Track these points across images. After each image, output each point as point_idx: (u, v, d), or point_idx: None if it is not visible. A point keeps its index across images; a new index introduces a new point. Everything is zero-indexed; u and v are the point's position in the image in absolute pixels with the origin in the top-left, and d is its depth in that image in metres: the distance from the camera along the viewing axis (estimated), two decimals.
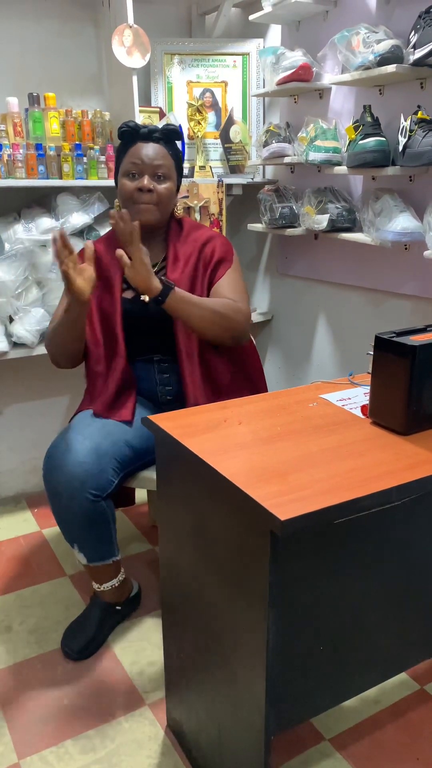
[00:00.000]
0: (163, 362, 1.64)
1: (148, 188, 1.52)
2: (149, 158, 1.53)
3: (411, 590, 1.13)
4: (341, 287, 2.21)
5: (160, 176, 1.55)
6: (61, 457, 1.45)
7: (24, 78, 2.11)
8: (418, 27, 1.60)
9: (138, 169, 1.53)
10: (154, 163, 1.53)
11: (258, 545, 0.91)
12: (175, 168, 1.59)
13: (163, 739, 1.38)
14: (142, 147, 1.54)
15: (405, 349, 1.07)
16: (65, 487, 1.44)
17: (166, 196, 1.56)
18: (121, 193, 1.57)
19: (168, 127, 1.58)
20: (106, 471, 1.46)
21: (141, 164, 1.53)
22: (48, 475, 1.48)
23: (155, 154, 1.54)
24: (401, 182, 1.85)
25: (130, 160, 1.54)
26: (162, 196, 1.55)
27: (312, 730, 1.39)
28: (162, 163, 1.54)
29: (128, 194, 1.54)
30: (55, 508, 1.49)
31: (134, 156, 1.54)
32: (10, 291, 1.96)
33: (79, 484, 1.43)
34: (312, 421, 1.17)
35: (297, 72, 1.98)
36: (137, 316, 1.60)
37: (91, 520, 1.47)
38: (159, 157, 1.54)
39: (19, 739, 1.38)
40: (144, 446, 1.59)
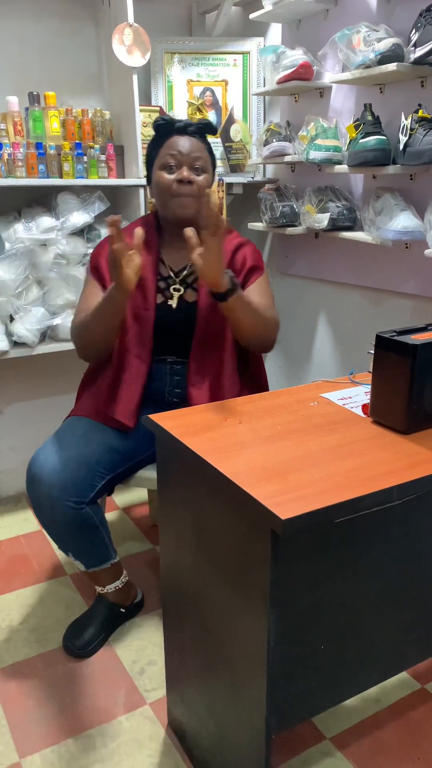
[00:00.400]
0: (176, 364, 1.62)
1: (188, 179, 1.49)
2: (187, 150, 1.51)
3: (412, 589, 1.13)
4: (342, 286, 2.21)
5: (198, 168, 1.52)
6: (38, 469, 1.45)
7: (24, 77, 2.11)
8: (418, 25, 1.59)
9: (176, 160, 1.51)
10: (192, 155, 1.51)
11: (259, 544, 0.91)
12: (210, 162, 1.57)
13: (164, 738, 1.38)
14: (179, 139, 1.52)
15: (406, 348, 1.07)
16: (45, 498, 1.44)
17: (204, 188, 1.53)
18: (158, 186, 1.53)
19: (203, 121, 1.57)
20: (86, 478, 1.45)
21: (179, 156, 1.50)
22: (29, 487, 1.48)
23: (192, 146, 1.52)
24: (402, 181, 1.85)
25: (167, 152, 1.51)
26: (201, 188, 1.52)
27: (313, 729, 1.39)
28: (199, 155, 1.52)
29: (166, 187, 1.51)
30: (42, 520, 1.49)
31: (171, 148, 1.51)
32: (11, 290, 1.95)
33: (57, 493, 1.42)
34: (313, 420, 1.17)
35: (297, 71, 1.97)
36: (163, 320, 1.58)
37: (78, 527, 1.46)
38: (196, 150, 1.52)
39: (20, 737, 1.38)
40: (134, 446, 1.58)
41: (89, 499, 1.46)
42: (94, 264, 1.60)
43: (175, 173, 1.51)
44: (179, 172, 1.50)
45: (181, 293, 1.59)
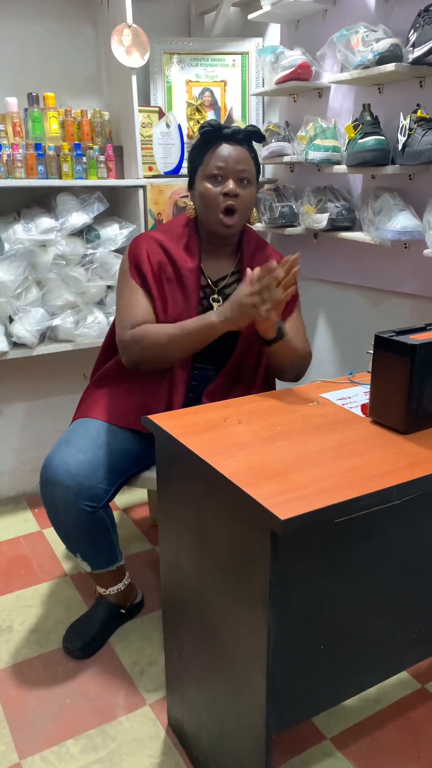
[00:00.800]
0: (195, 370, 1.59)
1: (234, 193, 1.44)
2: (234, 161, 1.44)
3: (411, 589, 1.13)
4: (341, 286, 2.21)
5: (244, 180, 1.46)
6: (55, 471, 1.45)
7: (23, 78, 2.11)
8: (417, 25, 1.59)
9: (223, 172, 1.44)
10: (239, 167, 1.45)
11: (258, 544, 0.91)
12: (255, 172, 1.51)
13: (164, 739, 1.38)
14: (226, 149, 1.45)
15: (405, 348, 1.07)
16: (61, 501, 1.44)
17: (250, 202, 1.49)
18: (203, 197, 1.47)
19: (250, 128, 1.49)
20: (101, 482, 1.46)
21: (226, 167, 1.44)
22: (44, 488, 1.47)
23: (239, 156, 1.45)
24: (401, 181, 1.85)
25: (215, 162, 1.44)
26: (247, 202, 1.47)
27: (313, 729, 1.39)
28: (246, 168, 1.46)
29: (212, 198, 1.45)
30: (54, 521, 1.49)
31: (218, 158, 1.44)
32: (10, 291, 1.95)
33: (73, 496, 1.42)
34: (312, 420, 1.17)
35: (296, 71, 1.98)
36: None
37: (90, 530, 1.47)
38: (243, 161, 1.45)
39: (21, 738, 1.38)
40: (144, 449, 1.59)
41: (103, 503, 1.47)
42: (134, 264, 1.52)
43: (221, 185, 1.45)
44: (225, 184, 1.45)
45: (220, 304, 1.55)
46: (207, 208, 1.48)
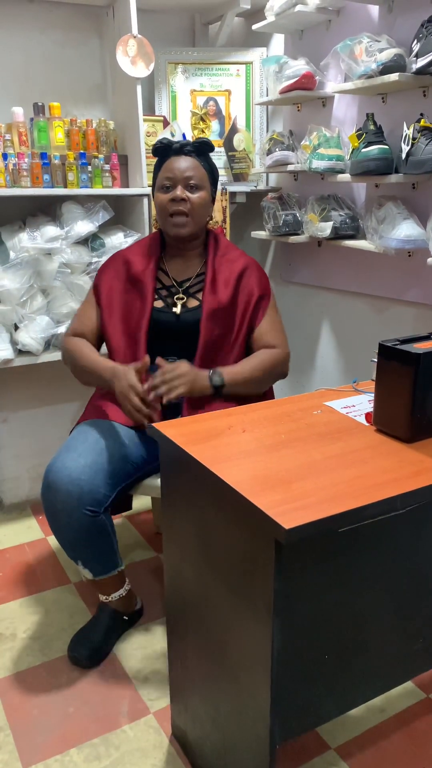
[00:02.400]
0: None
1: (181, 197, 1.57)
2: (181, 170, 1.58)
3: (416, 598, 1.13)
4: (345, 294, 2.22)
5: (193, 186, 1.59)
6: (56, 477, 1.46)
7: (29, 88, 2.13)
8: (420, 36, 1.60)
9: (171, 182, 1.58)
10: (186, 174, 1.58)
11: (262, 553, 0.91)
12: (208, 179, 1.63)
13: (168, 748, 1.37)
14: (175, 161, 1.60)
15: (409, 356, 1.08)
16: (62, 506, 1.44)
17: (198, 205, 1.60)
18: (156, 206, 1.62)
19: (199, 139, 1.64)
20: (102, 486, 1.47)
21: (173, 177, 1.58)
22: (45, 494, 1.48)
23: (187, 165, 1.59)
24: (404, 190, 1.86)
25: (164, 174, 1.60)
26: (195, 205, 1.59)
27: (317, 739, 1.39)
28: (193, 173, 1.59)
29: (162, 205, 1.59)
30: (55, 528, 1.49)
31: (167, 170, 1.59)
32: (15, 299, 1.97)
33: (75, 501, 1.43)
34: (316, 429, 1.17)
35: (300, 80, 1.99)
36: (165, 326, 1.63)
37: (92, 535, 1.48)
38: (191, 168, 1.59)
39: (24, 747, 1.38)
40: (144, 457, 1.60)
41: (104, 507, 1.48)
42: (96, 282, 1.70)
43: (170, 192, 1.58)
44: (173, 191, 1.58)
45: (184, 301, 1.64)
46: (160, 214, 1.62)
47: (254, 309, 1.66)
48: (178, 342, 1.63)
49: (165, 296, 1.65)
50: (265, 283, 1.70)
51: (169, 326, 1.62)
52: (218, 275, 1.64)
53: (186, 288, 1.65)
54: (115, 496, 1.53)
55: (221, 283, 1.63)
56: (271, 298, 1.70)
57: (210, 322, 1.61)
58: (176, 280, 1.66)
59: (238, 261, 1.68)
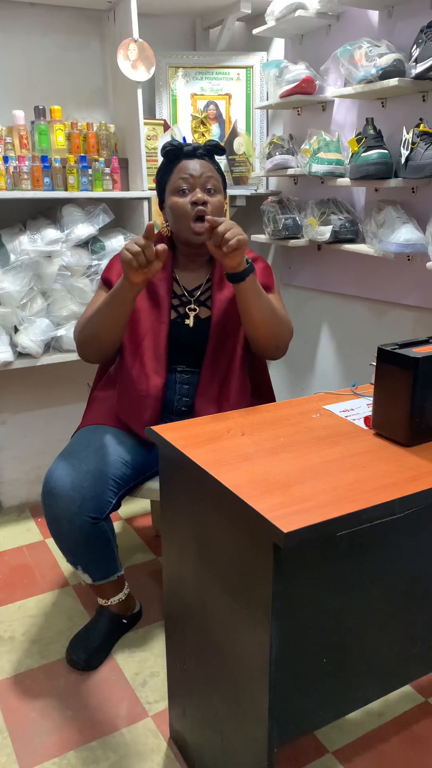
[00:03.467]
0: (185, 373, 1.62)
1: (203, 201, 1.48)
2: (198, 172, 1.51)
3: (415, 602, 1.13)
4: (344, 298, 2.22)
5: (211, 189, 1.52)
6: (57, 483, 1.45)
7: (30, 91, 2.14)
8: (419, 41, 1.61)
9: (188, 184, 1.50)
10: (204, 176, 1.51)
11: (261, 557, 0.91)
12: (221, 182, 1.57)
13: (166, 751, 1.37)
14: (189, 163, 1.52)
15: (408, 360, 1.08)
16: (63, 513, 1.44)
17: (218, 209, 1.53)
18: (173, 210, 1.52)
19: (211, 142, 1.57)
20: (103, 493, 1.46)
21: (191, 179, 1.50)
22: (46, 500, 1.48)
23: (202, 168, 1.52)
24: (404, 194, 1.86)
25: (179, 176, 1.51)
26: (215, 208, 1.52)
27: (315, 742, 1.39)
28: (211, 176, 1.52)
29: (182, 210, 1.50)
30: (55, 533, 1.49)
31: (182, 172, 1.51)
32: (16, 301, 1.97)
33: (76, 508, 1.43)
34: (315, 433, 1.17)
35: (300, 85, 1.99)
36: (179, 337, 1.59)
37: (92, 541, 1.47)
38: (207, 171, 1.52)
39: (22, 750, 1.38)
40: (144, 462, 1.59)
41: (106, 513, 1.48)
42: (106, 278, 1.62)
43: (189, 196, 1.50)
44: (193, 194, 1.50)
45: (197, 312, 1.60)
46: (178, 219, 1.52)
47: None
48: (189, 351, 1.60)
49: (177, 306, 1.61)
50: (270, 276, 1.64)
51: (183, 338, 1.59)
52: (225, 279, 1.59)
53: (197, 297, 1.61)
54: (118, 502, 1.53)
55: (227, 286, 1.59)
56: (274, 288, 1.63)
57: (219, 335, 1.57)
58: (186, 288, 1.62)
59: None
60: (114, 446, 1.54)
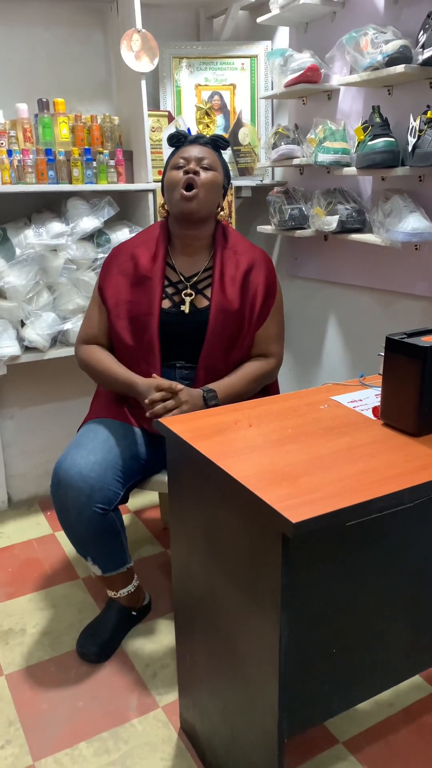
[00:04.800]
0: (184, 369, 1.62)
1: (194, 170, 1.54)
2: (195, 151, 1.58)
3: (424, 592, 1.13)
4: (351, 288, 2.21)
5: (206, 167, 1.57)
6: (66, 474, 1.46)
7: (33, 84, 2.13)
8: (426, 27, 1.59)
9: (185, 161, 1.57)
10: (200, 155, 1.57)
11: (270, 548, 0.91)
12: (221, 167, 1.62)
13: (177, 742, 1.38)
14: (190, 147, 1.60)
15: (416, 350, 1.07)
16: (73, 503, 1.45)
17: (210, 182, 1.56)
18: (168, 183, 1.58)
19: (215, 135, 1.65)
20: (112, 484, 1.47)
21: (188, 157, 1.57)
22: (55, 491, 1.48)
23: (201, 150, 1.59)
24: (411, 182, 1.85)
25: (178, 155, 1.59)
26: (206, 181, 1.55)
27: (325, 733, 1.39)
28: (207, 156, 1.58)
29: (173, 181, 1.56)
30: (65, 524, 1.50)
31: (181, 153, 1.59)
32: (22, 295, 1.97)
33: (85, 498, 1.43)
34: (323, 423, 1.17)
35: (305, 73, 1.98)
36: (173, 326, 1.58)
37: (102, 532, 1.48)
38: (204, 152, 1.58)
39: (34, 741, 1.39)
40: (151, 456, 1.60)
41: (114, 505, 1.48)
42: (100, 285, 1.65)
43: (183, 169, 1.56)
44: (187, 168, 1.55)
45: (192, 298, 1.60)
46: (170, 190, 1.57)
47: (260, 310, 1.61)
48: (185, 342, 1.59)
49: (172, 294, 1.60)
50: (272, 281, 1.65)
51: (177, 327, 1.58)
52: (225, 270, 1.60)
53: (194, 283, 1.61)
54: (126, 494, 1.53)
55: (228, 280, 1.59)
56: (276, 298, 1.65)
57: (218, 326, 1.58)
58: (183, 275, 1.62)
59: (245, 255, 1.63)
60: (121, 438, 1.55)
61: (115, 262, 1.65)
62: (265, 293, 1.62)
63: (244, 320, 1.60)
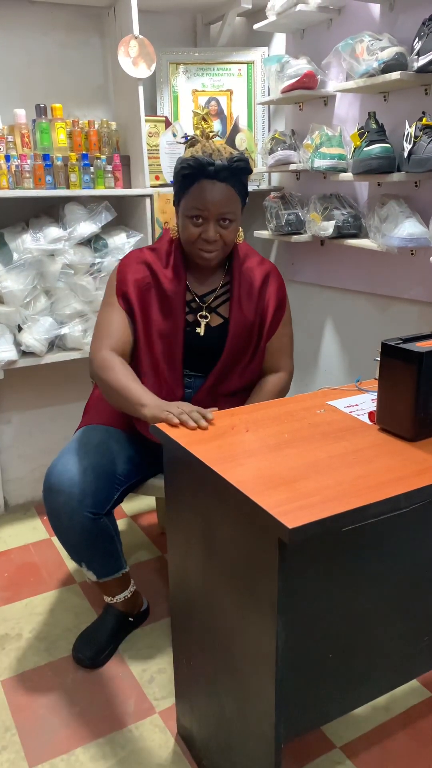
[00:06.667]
0: (188, 377, 1.61)
1: (213, 239, 1.44)
2: (215, 202, 1.41)
3: (420, 597, 1.13)
4: (348, 293, 2.22)
5: (226, 220, 1.44)
6: (57, 479, 1.46)
7: (31, 89, 2.13)
8: (421, 34, 1.60)
9: (204, 214, 1.42)
10: (221, 208, 1.42)
11: (266, 553, 0.91)
12: (240, 204, 1.48)
13: (174, 747, 1.38)
14: (208, 189, 1.40)
15: (411, 355, 1.08)
16: (64, 508, 1.44)
17: (231, 239, 1.49)
18: (184, 234, 1.48)
19: (236, 164, 1.42)
20: (103, 488, 1.46)
21: (207, 211, 1.42)
22: (47, 496, 1.48)
23: (222, 196, 1.41)
24: (407, 188, 1.86)
25: (194, 203, 1.42)
26: (227, 240, 1.47)
27: (322, 737, 1.39)
28: (228, 208, 1.43)
29: (192, 239, 1.46)
30: (57, 530, 1.49)
31: (198, 198, 1.41)
32: (19, 300, 1.97)
33: (76, 503, 1.43)
34: (319, 428, 1.17)
35: (302, 80, 1.99)
36: (189, 345, 1.56)
37: (94, 537, 1.47)
38: (225, 201, 1.42)
39: (30, 746, 1.38)
40: (146, 461, 1.59)
41: (106, 510, 1.48)
42: (122, 288, 1.53)
43: (201, 227, 1.44)
44: (205, 228, 1.44)
45: (208, 320, 1.57)
46: (187, 243, 1.49)
47: (271, 322, 1.59)
48: (200, 358, 1.58)
49: (187, 313, 1.57)
50: (283, 294, 1.62)
51: (193, 345, 1.56)
52: (242, 289, 1.56)
53: (209, 303, 1.58)
54: (120, 499, 1.53)
55: (245, 297, 1.56)
56: (286, 310, 1.63)
57: (236, 342, 1.56)
58: (197, 294, 1.57)
59: (258, 269, 1.59)
60: (114, 443, 1.54)
61: (137, 272, 1.54)
62: (277, 305, 1.60)
63: (255, 331, 1.59)
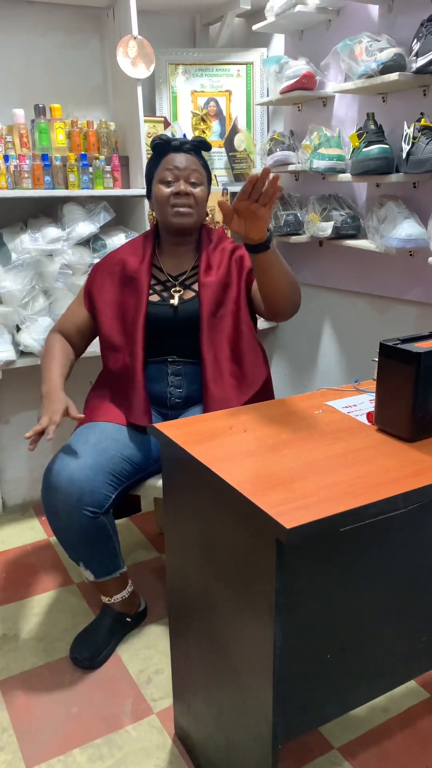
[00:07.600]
0: (176, 364, 1.65)
1: (185, 192, 1.60)
2: (183, 165, 1.61)
3: (418, 597, 1.13)
4: (346, 294, 2.22)
5: (194, 182, 1.62)
6: (55, 478, 1.46)
7: (30, 90, 2.13)
8: (420, 35, 1.60)
9: (173, 175, 1.61)
10: (188, 170, 1.61)
11: (264, 553, 0.91)
12: (206, 176, 1.67)
13: (171, 748, 1.37)
14: (175, 156, 1.62)
15: (409, 356, 1.08)
16: (62, 507, 1.45)
17: (202, 199, 1.64)
18: (157, 199, 1.63)
19: (197, 138, 1.68)
20: (102, 487, 1.47)
21: (176, 171, 1.61)
22: (45, 495, 1.49)
23: (188, 162, 1.62)
24: (405, 189, 1.86)
25: (165, 167, 1.62)
26: (198, 198, 1.62)
27: (320, 738, 1.39)
28: (195, 169, 1.62)
29: (165, 199, 1.61)
30: (55, 528, 1.49)
31: (168, 164, 1.61)
32: (17, 300, 1.97)
33: (75, 502, 1.43)
34: (318, 429, 1.17)
35: (300, 80, 1.99)
36: (163, 320, 1.63)
37: (92, 536, 1.48)
38: (192, 165, 1.62)
39: (27, 747, 1.38)
40: (146, 455, 1.60)
41: (105, 509, 1.48)
42: (88, 287, 1.72)
43: (173, 186, 1.60)
44: (177, 185, 1.60)
45: (181, 293, 1.65)
46: (160, 207, 1.63)
47: (249, 274, 1.65)
48: (176, 338, 1.63)
49: (160, 290, 1.66)
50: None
51: (167, 320, 1.62)
52: (212, 261, 1.67)
53: (182, 281, 1.67)
54: (118, 498, 1.53)
55: (215, 266, 1.66)
56: None
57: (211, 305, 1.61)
58: (171, 275, 1.68)
59: (230, 245, 1.70)
60: (112, 441, 1.54)
61: (104, 267, 1.72)
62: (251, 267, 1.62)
63: (234, 282, 1.64)
